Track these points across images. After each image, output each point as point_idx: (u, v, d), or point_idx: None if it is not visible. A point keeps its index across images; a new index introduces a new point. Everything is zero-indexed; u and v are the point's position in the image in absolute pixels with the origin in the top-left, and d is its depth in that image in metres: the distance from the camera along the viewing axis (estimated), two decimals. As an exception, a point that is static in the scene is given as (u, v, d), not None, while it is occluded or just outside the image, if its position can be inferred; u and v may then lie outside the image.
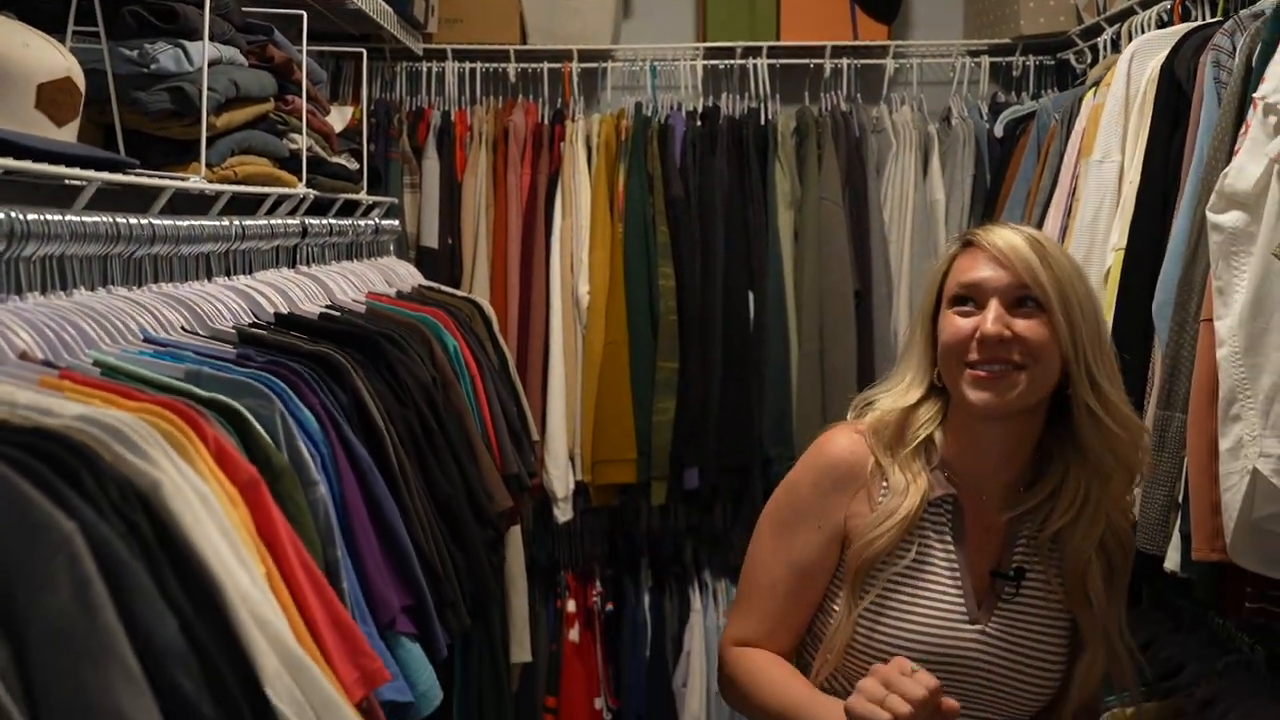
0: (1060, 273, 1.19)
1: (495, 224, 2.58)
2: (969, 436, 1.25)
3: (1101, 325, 1.23)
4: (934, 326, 1.26)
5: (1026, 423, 1.23)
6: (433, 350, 1.72)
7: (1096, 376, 1.19)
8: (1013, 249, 1.19)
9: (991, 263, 1.20)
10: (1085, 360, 1.19)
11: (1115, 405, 1.21)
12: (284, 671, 0.79)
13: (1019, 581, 1.24)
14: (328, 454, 1.09)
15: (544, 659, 2.66)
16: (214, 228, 1.41)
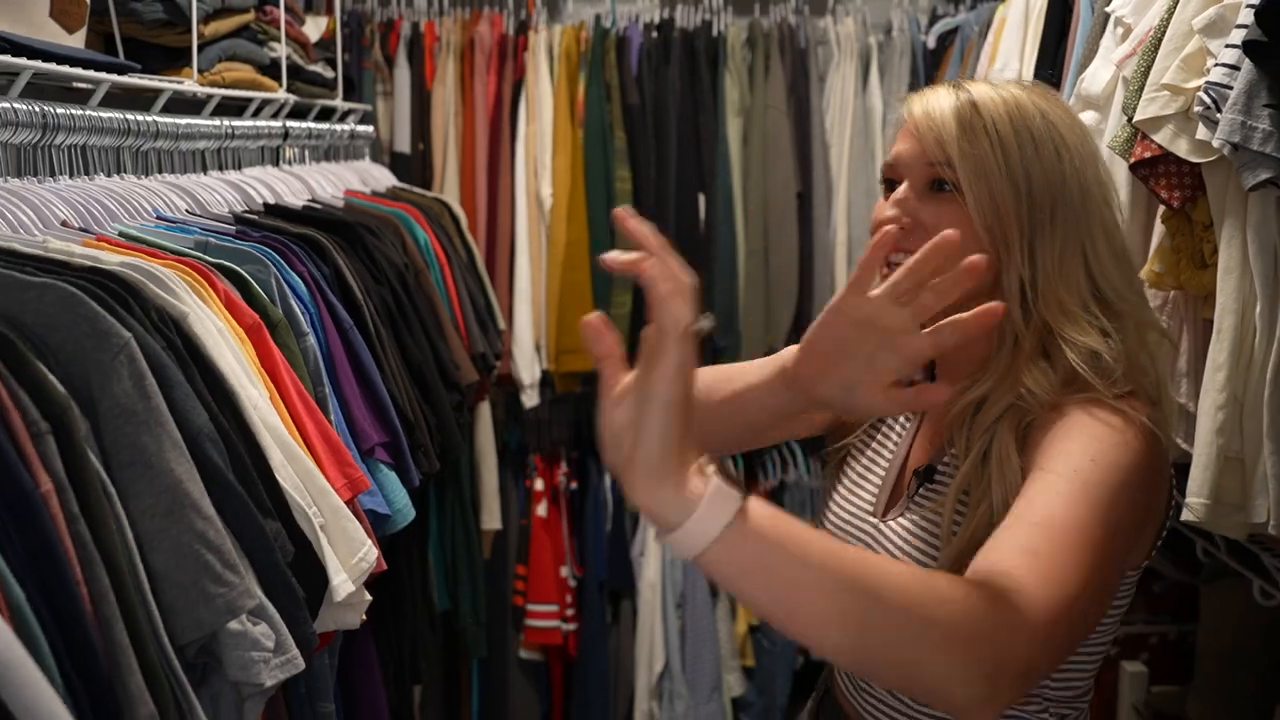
0: (985, 145, 0.95)
1: (464, 130, 2.76)
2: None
3: (1075, 225, 0.96)
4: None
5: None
6: (404, 241, 1.93)
7: (1030, 287, 0.95)
8: (928, 116, 0.97)
9: (908, 135, 0.99)
10: (1017, 265, 0.94)
11: (1070, 342, 0.94)
12: (286, 464, 1.02)
13: (924, 481, 1.02)
14: (315, 313, 1.31)
15: (515, 533, 2.92)
16: (208, 127, 1.61)
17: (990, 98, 0.98)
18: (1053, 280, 0.95)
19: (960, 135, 0.95)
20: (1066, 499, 0.84)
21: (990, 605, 0.75)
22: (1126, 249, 1.00)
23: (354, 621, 1.09)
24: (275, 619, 0.92)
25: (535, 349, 2.78)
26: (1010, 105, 0.97)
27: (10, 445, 0.72)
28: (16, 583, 0.70)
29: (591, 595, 2.92)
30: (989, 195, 0.94)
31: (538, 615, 2.90)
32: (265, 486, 0.97)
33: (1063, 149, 0.97)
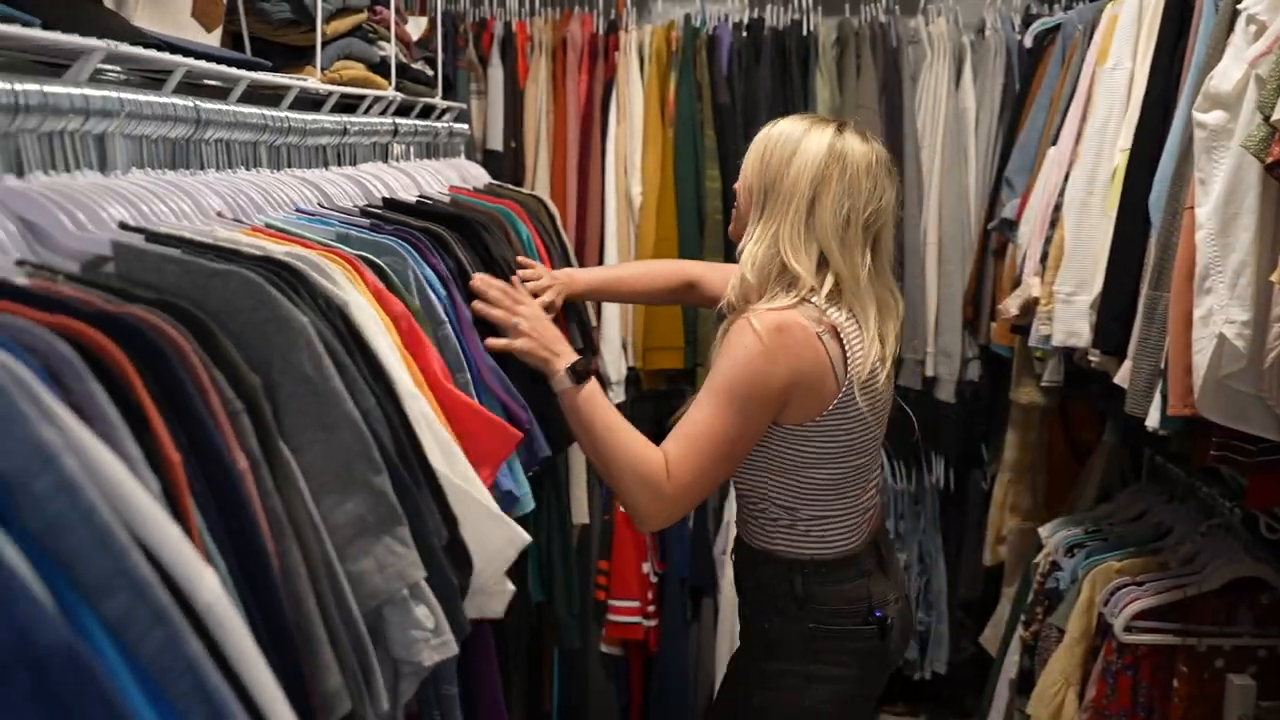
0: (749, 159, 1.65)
1: (555, 128, 2.79)
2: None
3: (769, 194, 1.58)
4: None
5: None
6: (509, 236, 1.96)
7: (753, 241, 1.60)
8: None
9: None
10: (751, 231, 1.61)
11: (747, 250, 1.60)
12: (436, 447, 1.05)
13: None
14: (448, 304, 1.34)
15: (598, 527, 2.95)
16: (330, 123, 1.65)
17: (779, 125, 1.66)
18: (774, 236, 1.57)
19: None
20: (699, 403, 1.53)
21: (647, 471, 1.49)
22: (806, 239, 1.56)
23: (497, 609, 1.12)
24: (433, 601, 0.94)
25: (622, 346, 2.80)
26: (780, 129, 1.64)
27: (212, 423, 0.75)
28: (221, 557, 0.73)
29: (673, 592, 2.93)
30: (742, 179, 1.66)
31: (619, 610, 2.93)
32: (423, 471, 1.00)
33: (793, 162, 1.57)
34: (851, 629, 1.62)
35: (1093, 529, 2.32)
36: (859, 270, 1.56)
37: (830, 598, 1.61)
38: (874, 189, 1.58)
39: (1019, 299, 2.20)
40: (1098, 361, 1.94)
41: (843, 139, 1.60)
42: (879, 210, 1.59)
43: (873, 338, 1.55)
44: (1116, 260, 1.85)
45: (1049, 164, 2.22)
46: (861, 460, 1.61)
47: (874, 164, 1.59)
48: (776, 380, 1.50)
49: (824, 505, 1.61)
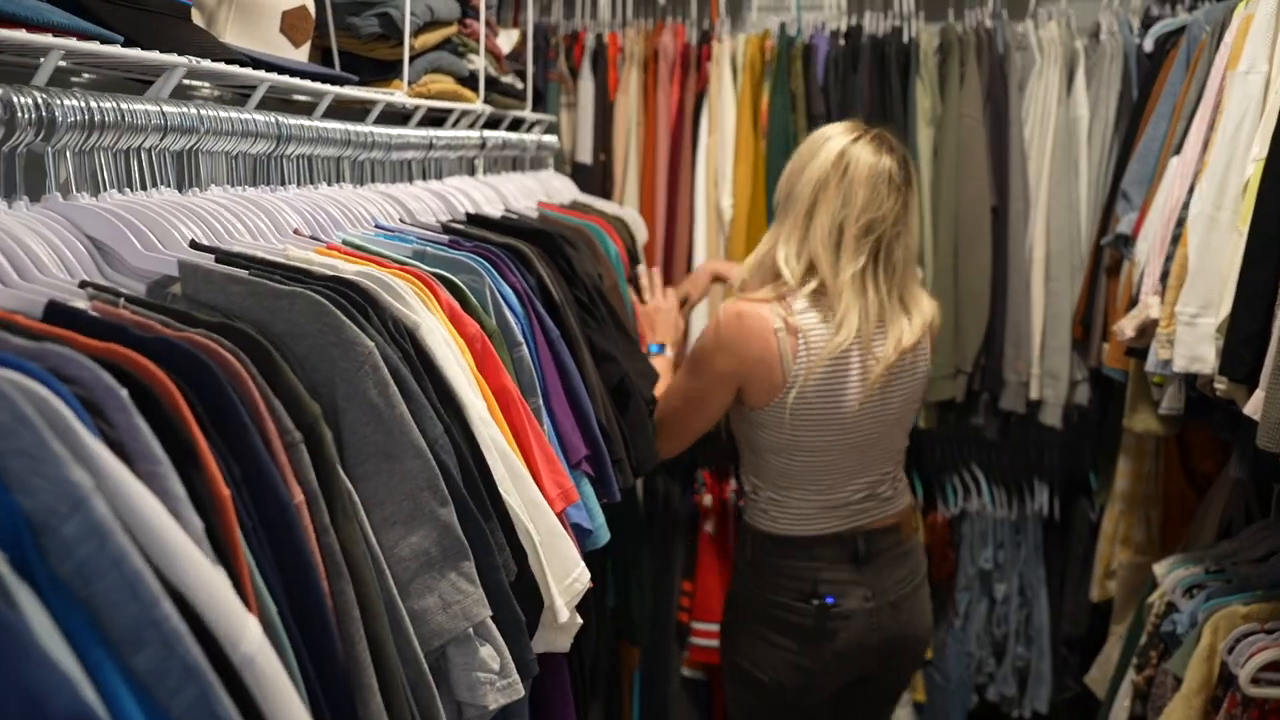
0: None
1: (645, 140, 2.74)
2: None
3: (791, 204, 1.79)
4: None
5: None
6: (597, 251, 1.92)
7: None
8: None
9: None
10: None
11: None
12: (507, 476, 1.00)
13: None
14: (526, 324, 1.30)
15: (682, 548, 2.88)
16: (416, 138, 1.63)
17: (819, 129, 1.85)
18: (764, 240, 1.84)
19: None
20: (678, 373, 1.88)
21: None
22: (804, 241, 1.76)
23: (564, 644, 1.07)
24: (499, 641, 0.89)
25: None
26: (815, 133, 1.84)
27: (267, 455, 0.72)
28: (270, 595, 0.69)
29: (758, 617, 2.85)
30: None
31: (702, 634, 2.85)
32: (491, 501, 0.95)
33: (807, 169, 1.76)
34: (789, 603, 1.83)
35: (1214, 569, 2.15)
36: (845, 275, 1.72)
37: (773, 570, 1.85)
38: (870, 198, 1.72)
39: (1135, 320, 2.06)
40: (1224, 389, 1.79)
41: (855, 147, 1.74)
42: (876, 219, 1.72)
43: (844, 340, 1.72)
44: (1248, 279, 1.70)
45: (1171, 175, 2.07)
46: (812, 459, 1.81)
47: (877, 174, 1.72)
48: (721, 360, 1.77)
49: (778, 489, 1.85)
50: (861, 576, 1.84)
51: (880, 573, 1.86)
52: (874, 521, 1.87)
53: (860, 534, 1.85)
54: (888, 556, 1.88)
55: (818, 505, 1.84)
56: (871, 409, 1.80)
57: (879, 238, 1.73)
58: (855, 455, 1.83)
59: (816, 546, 1.83)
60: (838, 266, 1.72)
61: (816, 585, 1.82)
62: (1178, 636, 2.07)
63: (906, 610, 1.89)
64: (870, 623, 1.84)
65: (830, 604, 1.81)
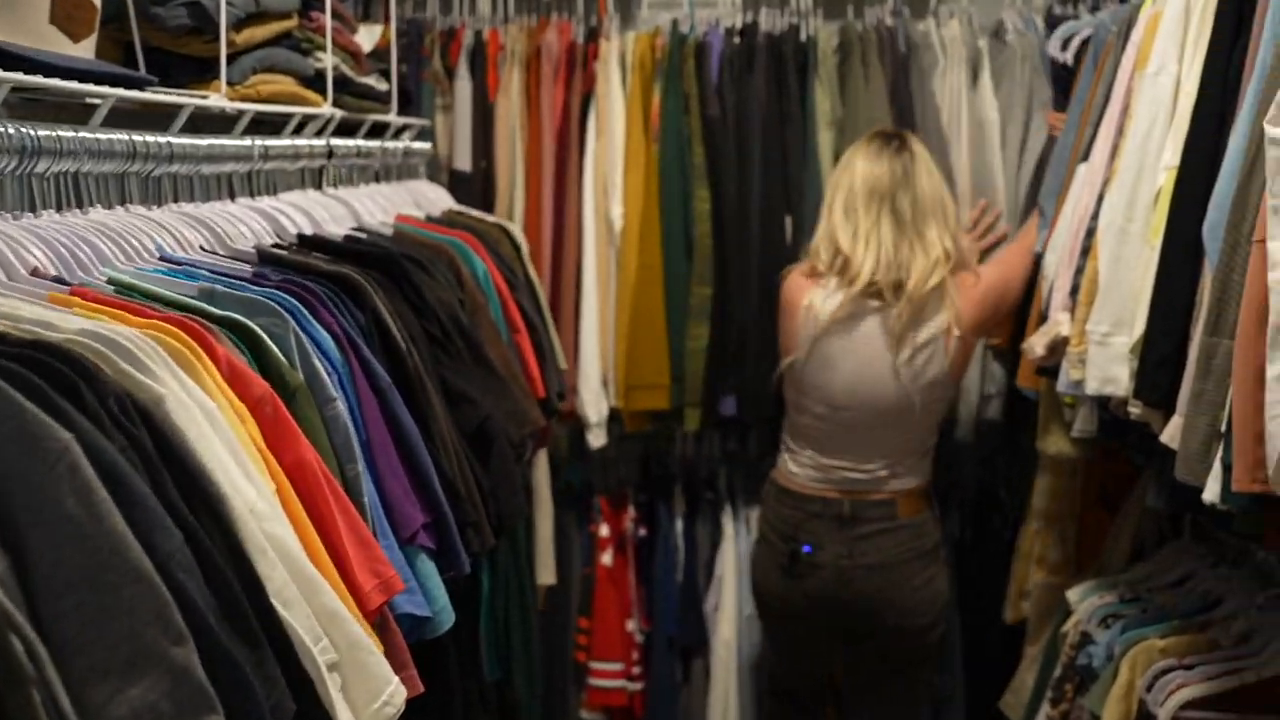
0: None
1: (529, 146, 2.54)
2: None
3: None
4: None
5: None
6: (460, 273, 1.71)
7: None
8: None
9: None
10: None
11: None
12: (291, 583, 0.79)
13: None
14: (345, 373, 1.09)
15: (577, 582, 2.69)
16: (236, 147, 1.40)
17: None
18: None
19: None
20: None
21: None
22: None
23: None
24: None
25: (602, 384, 2.55)
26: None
27: None
28: None
29: (660, 653, 2.67)
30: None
31: (601, 674, 2.66)
32: (261, 623, 0.74)
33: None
34: (773, 540, 2.19)
35: (1129, 596, 2.05)
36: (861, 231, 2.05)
37: (771, 508, 2.22)
38: (843, 169, 2.13)
39: (1045, 337, 1.93)
40: (1139, 414, 1.67)
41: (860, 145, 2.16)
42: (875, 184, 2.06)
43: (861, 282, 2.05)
44: (1162, 297, 1.58)
45: (1079, 183, 1.95)
46: (812, 423, 2.15)
47: (869, 148, 2.11)
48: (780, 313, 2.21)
49: (792, 441, 2.20)
50: (841, 535, 2.11)
51: (867, 538, 2.12)
52: (866, 492, 2.13)
53: (849, 499, 2.13)
54: (877, 525, 2.13)
55: (813, 465, 2.15)
56: (863, 395, 2.10)
57: (882, 197, 2.04)
58: (844, 433, 2.12)
59: (808, 502, 2.14)
60: (854, 230, 2.05)
61: (797, 533, 2.14)
62: (1094, 670, 1.96)
63: (894, 577, 2.13)
64: (843, 578, 2.11)
65: (807, 552, 2.12)
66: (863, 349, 2.08)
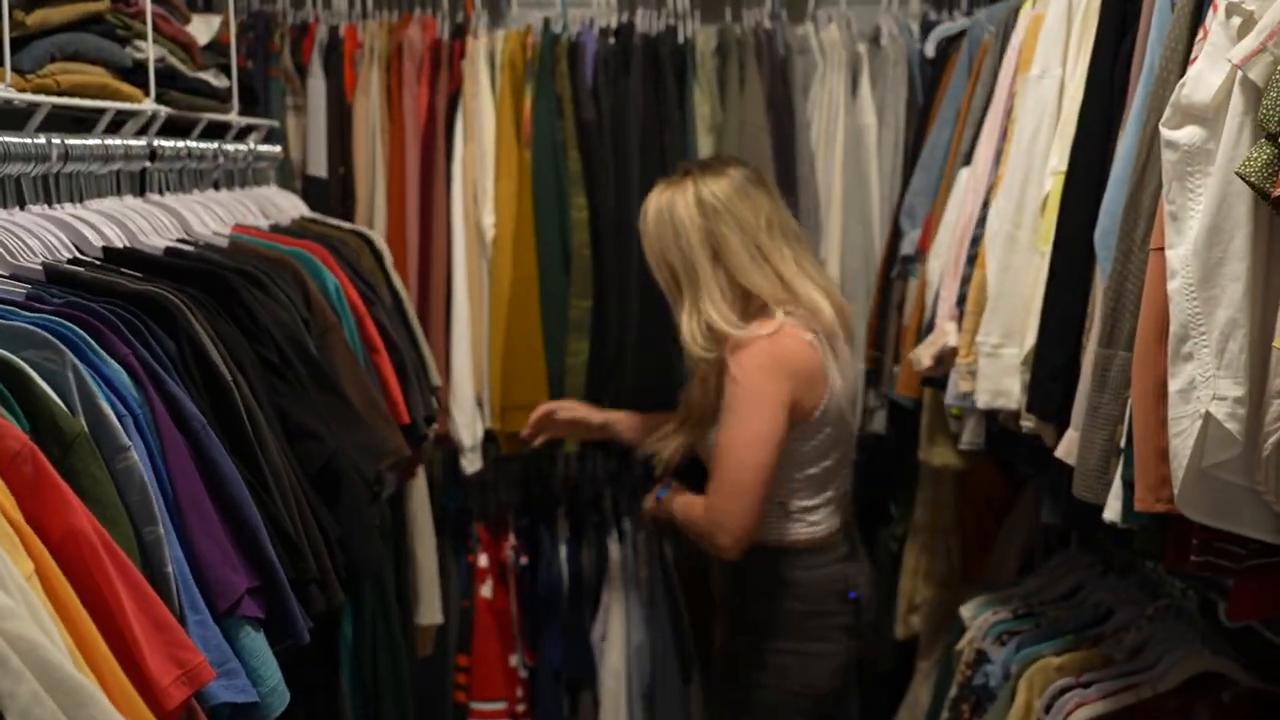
0: (646, 244, 1.93)
1: (390, 150, 2.36)
2: None
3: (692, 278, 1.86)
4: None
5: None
6: (307, 289, 1.53)
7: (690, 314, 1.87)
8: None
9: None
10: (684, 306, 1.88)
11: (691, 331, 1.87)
12: (42, 698, 0.62)
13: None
14: (144, 415, 0.91)
15: (455, 616, 2.52)
16: (24, 145, 1.19)
17: (651, 205, 1.92)
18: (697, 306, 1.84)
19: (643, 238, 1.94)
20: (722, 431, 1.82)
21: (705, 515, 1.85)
22: (733, 282, 1.84)
23: None
24: None
25: (476, 404, 2.38)
26: (653, 209, 1.91)
27: None
28: None
29: (546, 687, 2.52)
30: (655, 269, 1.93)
31: (484, 715, 2.50)
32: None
33: (680, 233, 1.85)
34: (833, 608, 1.93)
35: (1023, 611, 2.01)
36: (790, 270, 1.85)
37: (813, 580, 1.92)
38: (754, 206, 1.85)
39: (932, 348, 1.87)
40: (1031, 427, 1.62)
41: (702, 186, 1.84)
42: (769, 218, 1.85)
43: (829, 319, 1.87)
44: (1053, 307, 1.53)
45: (962, 188, 1.90)
46: (835, 455, 1.93)
47: (741, 186, 1.85)
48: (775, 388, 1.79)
49: (812, 495, 1.92)
50: (859, 562, 2.02)
51: (863, 553, 2.06)
52: (850, 501, 2.07)
53: (850, 520, 2.04)
54: (857, 534, 2.10)
55: (835, 502, 1.96)
56: (848, 392, 1.95)
57: (779, 226, 1.88)
58: (848, 444, 1.99)
59: (838, 545, 1.97)
60: (779, 269, 1.84)
61: (847, 582, 1.95)
62: (991, 690, 1.91)
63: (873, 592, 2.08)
64: (871, 605, 2.03)
65: (855, 599, 1.95)
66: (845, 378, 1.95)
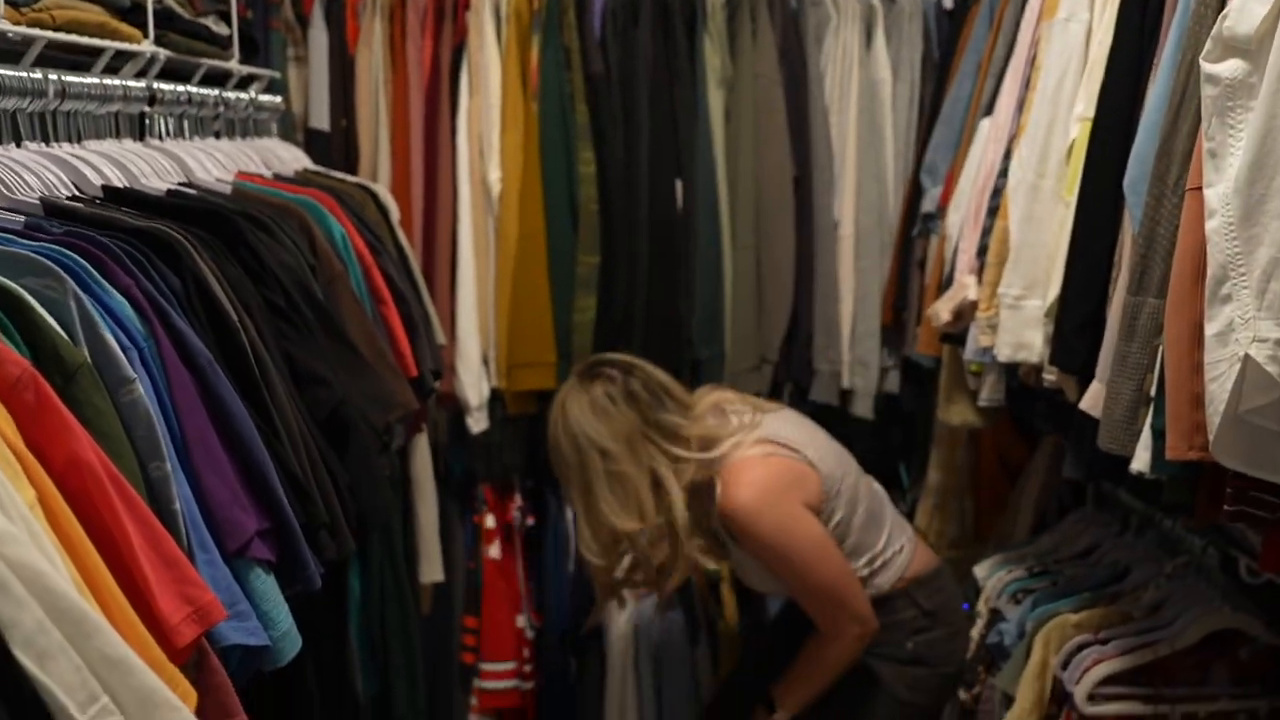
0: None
1: (394, 104, 2.31)
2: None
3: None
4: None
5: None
6: (313, 236, 1.49)
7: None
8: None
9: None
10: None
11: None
12: (49, 627, 0.59)
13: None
14: (149, 349, 0.87)
15: (461, 578, 2.49)
16: (19, 79, 1.15)
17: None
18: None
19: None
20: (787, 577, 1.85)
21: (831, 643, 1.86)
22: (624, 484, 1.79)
23: None
24: None
25: (483, 363, 2.35)
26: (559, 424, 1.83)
27: None
28: None
29: (553, 649, 2.50)
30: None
31: (491, 675, 2.48)
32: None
33: (577, 438, 1.79)
34: (961, 628, 1.96)
35: (1038, 569, 1.98)
36: (697, 413, 1.84)
37: (939, 609, 1.93)
38: (609, 421, 1.78)
39: (951, 302, 1.84)
40: (1053, 380, 1.58)
41: (568, 411, 1.82)
42: (638, 420, 1.78)
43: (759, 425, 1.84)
44: (1079, 256, 1.49)
45: (983, 139, 1.86)
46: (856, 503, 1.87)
47: (595, 410, 1.79)
48: (789, 503, 1.78)
49: (876, 543, 1.89)
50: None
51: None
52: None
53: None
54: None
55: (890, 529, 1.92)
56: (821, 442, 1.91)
57: (653, 400, 1.81)
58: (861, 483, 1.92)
59: (940, 574, 1.97)
60: (677, 428, 1.80)
61: (951, 600, 1.97)
62: (1005, 648, 1.89)
63: None
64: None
65: (966, 610, 1.98)
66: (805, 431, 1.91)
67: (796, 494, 1.78)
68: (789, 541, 1.76)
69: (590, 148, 2.30)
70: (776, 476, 1.77)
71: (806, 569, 1.78)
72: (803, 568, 1.78)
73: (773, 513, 1.75)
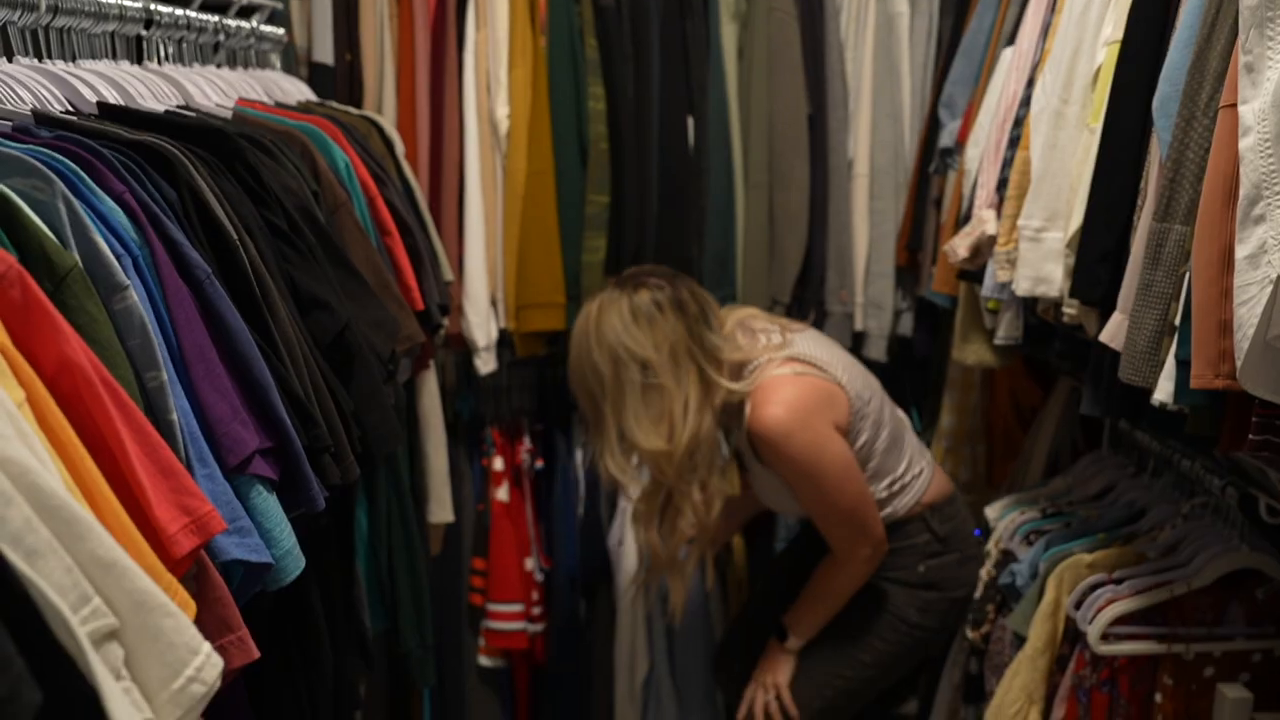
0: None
1: (400, 37, 2.26)
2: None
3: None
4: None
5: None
6: (316, 162, 1.46)
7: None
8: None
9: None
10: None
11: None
12: (38, 525, 0.56)
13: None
14: (144, 257, 0.85)
15: (470, 520, 2.49)
16: (9, -11, 1.11)
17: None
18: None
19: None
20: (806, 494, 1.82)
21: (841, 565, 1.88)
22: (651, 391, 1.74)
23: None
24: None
25: (491, 304, 2.32)
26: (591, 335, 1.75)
27: None
28: None
29: (562, 591, 2.50)
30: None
31: (499, 616, 2.48)
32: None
33: (615, 349, 1.71)
34: (976, 552, 1.97)
35: (1051, 510, 1.96)
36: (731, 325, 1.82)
37: (953, 533, 1.95)
38: (654, 330, 1.72)
39: (969, 238, 1.79)
40: (1073, 314, 1.55)
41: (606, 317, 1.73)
42: (684, 333, 1.72)
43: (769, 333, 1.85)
44: (1103, 184, 1.45)
45: (1004, 68, 1.80)
46: (881, 424, 1.88)
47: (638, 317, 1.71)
48: (819, 422, 1.76)
49: (898, 466, 1.90)
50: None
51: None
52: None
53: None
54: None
55: (910, 454, 1.93)
56: (848, 364, 1.90)
57: (693, 321, 1.75)
58: (886, 406, 1.94)
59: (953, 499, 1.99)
60: (717, 350, 1.77)
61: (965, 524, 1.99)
62: (1017, 589, 1.87)
63: None
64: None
65: (978, 535, 1.99)
66: (835, 354, 1.89)
67: (826, 414, 1.76)
68: (817, 462, 1.74)
69: (600, 83, 2.25)
70: (807, 396, 1.75)
71: (831, 490, 1.76)
72: (827, 489, 1.76)
73: (803, 433, 1.72)
